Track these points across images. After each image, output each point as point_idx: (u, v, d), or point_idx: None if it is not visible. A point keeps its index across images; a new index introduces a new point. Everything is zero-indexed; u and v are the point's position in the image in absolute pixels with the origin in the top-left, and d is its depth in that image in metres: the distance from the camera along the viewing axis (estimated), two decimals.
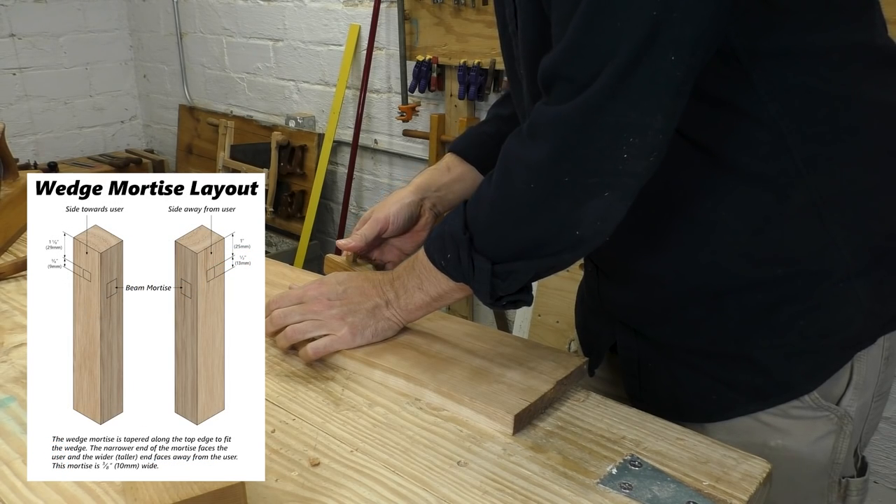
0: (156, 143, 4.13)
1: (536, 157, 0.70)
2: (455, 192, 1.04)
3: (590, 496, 0.66)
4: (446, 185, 1.03)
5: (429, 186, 1.03)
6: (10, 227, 1.28)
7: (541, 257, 0.75)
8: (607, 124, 0.66)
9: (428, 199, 1.02)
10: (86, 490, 0.67)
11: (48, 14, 3.63)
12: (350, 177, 2.96)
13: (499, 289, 0.77)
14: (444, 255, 0.79)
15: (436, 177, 1.04)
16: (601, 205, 0.70)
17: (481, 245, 0.76)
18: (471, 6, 2.36)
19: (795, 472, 0.84)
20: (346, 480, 0.68)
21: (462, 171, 1.04)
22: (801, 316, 0.80)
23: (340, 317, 0.87)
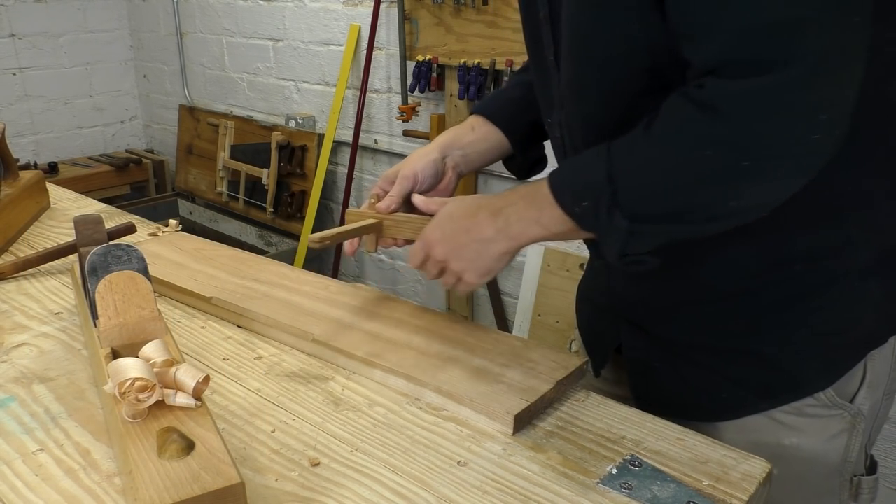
0: (156, 143, 4.13)
1: (717, 133, 0.66)
2: (479, 152, 1.01)
3: (590, 496, 0.66)
4: (470, 144, 1.01)
5: (452, 145, 1.00)
6: (10, 227, 1.28)
7: (685, 223, 0.72)
8: (804, 102, 0.62)
9: (451, 158, 1.00)
10: (86, 490, 0.67)
11: (48, 14, 3.63)
12: (350, 177, 2.96)
13: (629, 248, 0.73)
14: (579, 202, 0.74)
15: (459, 135, 1.01)
16: (776, 185, 0.67)
17: (625, 200, 0.71)
18: (471, 6, 2.36)
19: (808, 470, 0.84)
20: (346, 480, 0.68)
21: (487, 132, 1.01)
22: (813, 313, 0.80)
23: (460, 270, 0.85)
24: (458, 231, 0.84)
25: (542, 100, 0.92)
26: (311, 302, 1.00)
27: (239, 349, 0.93)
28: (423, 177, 0.97)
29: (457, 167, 1.01)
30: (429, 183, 0.98)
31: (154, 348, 0.71)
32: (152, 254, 1.14)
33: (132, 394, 0.65)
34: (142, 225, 1.33)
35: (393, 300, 1.02)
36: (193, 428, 0.65)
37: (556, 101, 0.87)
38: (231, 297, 1.01)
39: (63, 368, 0.88)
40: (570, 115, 0.84)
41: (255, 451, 0.72)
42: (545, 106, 0.92)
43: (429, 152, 0.98)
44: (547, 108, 0.91)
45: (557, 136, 0.89)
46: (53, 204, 1.49)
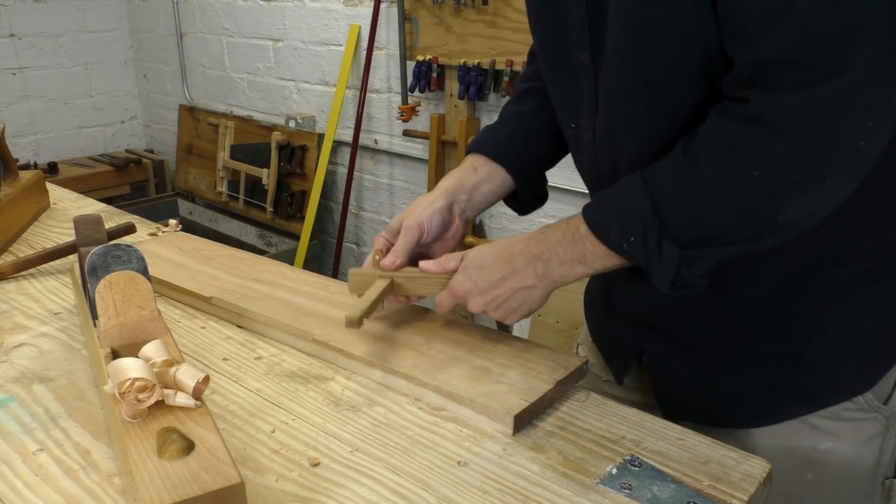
0: (156, 143, 4.13)
1: (769, 148, 0.65)
2: (483, 193, 0.98)
3: (590, 496, 0.66)
4: (475, 187, 0.97)
5: (457, 190, 0.96)
6: (10, 227, 1.28)
7: (736, 243, 0.71)
8: (857, 109, 0.62)
9: (457, 204, 0.96)
10: (86, 490, 0.67)
11: (48, 14, 3.63)
12: (350, 177, 2.96)
13: (682, 276, 0.72)
14: (627, 237, 0.72)
15: (463, 179, 0.97)
16: (825, 195, 0.67)
17: (674, 229, 0.70)
18: (471, 6, 2.36)
19: (843, 474, 0.83)
20: (346, 480, 0.68)
21: (489, 171, 0.98)
22: (855, 315, 0.79)
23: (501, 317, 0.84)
24: (496, 282, 0.82)
25: (566, 105, 0.89)
26: (311, 302, 1.00)
27: (239, 349, 0.93)
28: (430, 227, 0.92)
29: (463, 213, 0.97)
30: (435, 233, 0.94)
31: (154, 348, 0.71)
32: (152, 254, 1.14)
33: (132, 394, 0.65)
34: (142, 225, 1.33)
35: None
36: (193, 428, 0.65)
37: (586, 106, 0.84)
38: (231, 297, 1.01)
39: (63, 368, 0.88)
40: (608, 119, 0.82)
41: (255, 451, 0.72)
42: (569, 111, 0.88)
43: (433, 201, 0.94)
44: (572, 113, 0.88)
45: (587, 141, 0.86)
46: (53, 204, 1.49)
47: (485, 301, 0.83)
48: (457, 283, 0.85)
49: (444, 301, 0.87)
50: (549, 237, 0.80)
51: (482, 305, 0.83)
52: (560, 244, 0.79)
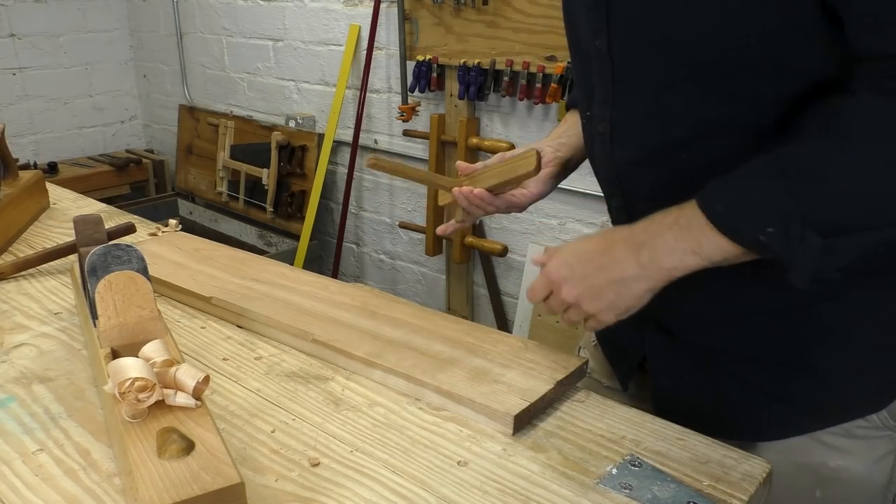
0: (156, 143, 4.13)
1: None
2: (578, 136, 0.97)
3: (590, 496, 0.66)
4: (565, 132, 1.00)
5: (547, 140, 1.00)
6: (10, 227, 1.28)
7: (883, 228, 0.66)
8: None
9: (549, 147, 0.98)
10: (86, 490, 0.67)
11: (48, 14, 3.63)
12: (350, 177, 2.95)
13: (825, 268, 0.67)
14: (762, 228, 0.66)
15: (554, 132, 1.02)
16: None
17: (817, 217, 0.65)
18: (471, 6, 2.36)
19: (853, 492, 0.81)
20: (346, 480, 0.68)
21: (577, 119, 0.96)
22: (877, 329, 0.77)
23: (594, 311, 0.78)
24: (592, 270, 0.76)
25: (582, 91, 0.87)
26: (311, 302, 1.00)
27: (239, 349, 0.93)
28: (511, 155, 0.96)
29: (556, 152, 0.98)
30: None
31: (154, 348, 0.71)
32: (152, 254, 1.14)
33: (132, 394, 0.65)
34: (142, 225, 1.33)
35: (393, 300, 1.02)
36: (193, 428, 0.65)
37: (601, 94, 0.82)
38: (231, 297, 1.01)
39: (63, 368, 0.88)
40: (626, 110, 0.79)
41: (255, 451, 0.72)
42: (586, 97, 0.86)
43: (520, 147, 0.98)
44: (588, 99, 0.86)
45: (600, 131, 0.84)
46: (53, 204, 1.49)
47: (579, 290, 0.76)
48: (552, 267, 0.79)
49: (538, 288, 0.81)
50: (658, 223, 0.74)
51: (576, 295, 0.77)
52: (670, 230, 0.72)
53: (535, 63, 2.26)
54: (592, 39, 0.79)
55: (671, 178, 0.79)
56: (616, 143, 0.82)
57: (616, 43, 0.76)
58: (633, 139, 0.80)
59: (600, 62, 0.79)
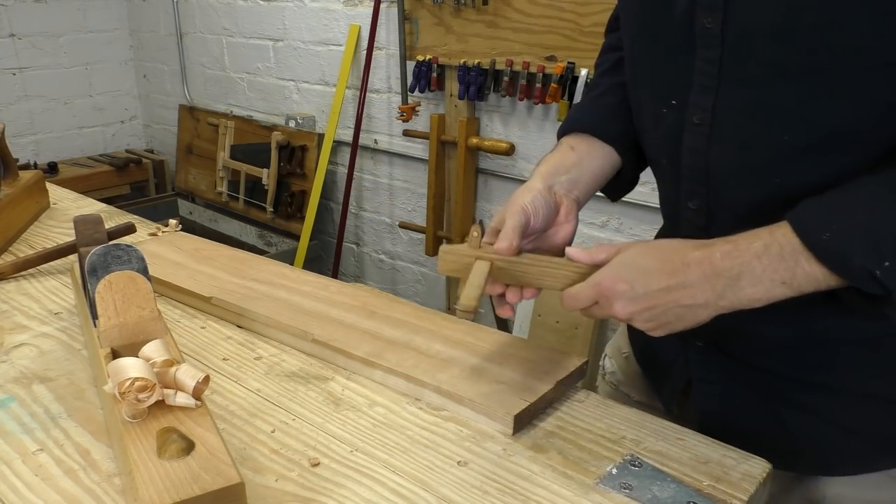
0: (156, 143, 4.13)
1: None
2: (588, 172, 0.84)
3: (590, 496, 0.66)
4: (576, 166, 0.84)
5: (555, 172, 0.83)
6: (10, 227, 1.28)
7: None
8: None
9: (559, 185, 0.82)
10: (86, 490, 0.67)
11: (48, 14, 3.63)
12: (350, 177, 2.96)
13: None
14: (879, 262, 0.60)
15: (559, 160, 0.84)
16: None
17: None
18: (471, 6, 2.36)
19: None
20: (346, 480, 0.68)
21: (588, 148, 0.85)
22: None
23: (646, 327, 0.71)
24: (658, 291, 0.68)
25: (661, 77, 0.78)
26: (311, 302, 1.00)
27: (239, 349, 0.93)
28: (535, 208, 0.78)
29: (570, 193, 0.82)
30: (543, 215, 0.79)
31: (154, 348, 0.71)
32: (152, 254, 1.14)
33: (132, 394, 0.65)
34: (142, 225, 1.33)
35: (393, 300, 1.02)
36: (193, 428, 0.65)
37: (700, 80, 0.72)
38: (231, 297, 1.01)
39: (63, 368, 0.88)
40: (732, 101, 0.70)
41: (255, 451, 0.72)
42: (667, 85, 0.77)
43: (531, 187, 0.80)
44: (672, 88, 0.76)
45: (695, 122, 0.74)
46: (53, 204, 1.49)
47: (636, 309, 0.69)
48: (607, 279, 0.70)
49: (583, 295, 0.72)
50: (743, 249, 0.65)
51: (630, 313, 0.69)
52: (759, 259, 0.64)
53: (535, 63, 2.27)
54: (701, 17, 0.69)
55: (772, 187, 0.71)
56: (714, 137, 0.73)
57: (733, 22, 0.67)
58: (738, 134, 0.71)
59: (706, 44, 0.70)
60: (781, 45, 0.64)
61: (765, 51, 0.66)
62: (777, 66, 0.65)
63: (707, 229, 0.78)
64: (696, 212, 0.78)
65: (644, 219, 2.24)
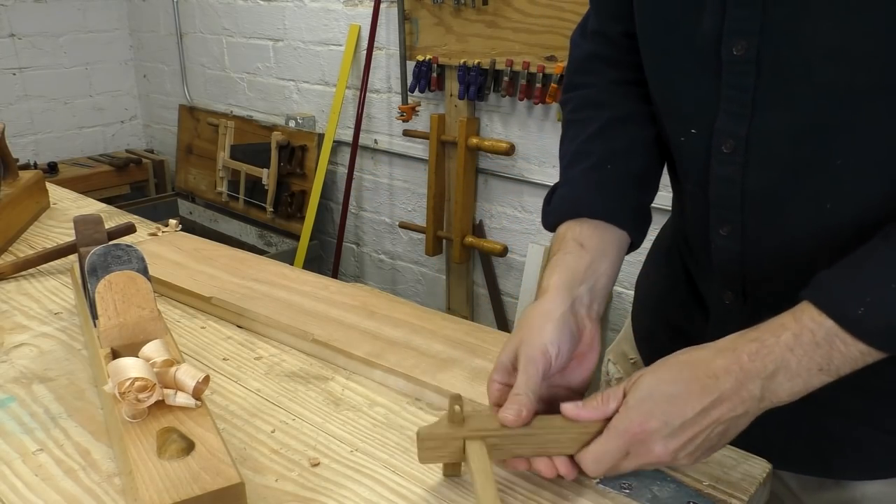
0: (156, 143, 4.13)
1: None
2: (606, 274, 0.73)
3: (590, 496, 0.66)
4: (591, 270, 0.72)
5: (571, 282, 0.71)
6: (10, 227, 1.28)
7: None
8: None
9: (580, 302, 0.70)
10: (86, 490, 0.67)
11: (48, 14, 3.63)
12: (350, 177, 2.96)
13: None
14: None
15: (573, 265, 0.72)
16: None
17: None
18: (471, 6, 2.36)
19: None
20: (346, 480, 0.68)
21: (598, 241, 0.74)
22: None
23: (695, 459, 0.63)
24: (695, 417, 0.60)
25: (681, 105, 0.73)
26: (311, 302, 1.00)
27: (239, 349, 0.93)
28: (558, 350, 0.66)
29: (590, 308, 0.71)
30: (566, 352, 0.67)
31: (154, 348, 0.71)
32: (152, 254, 1.14)
33: (132, 394, 0.65)
34: (142, 225, 1.33)
35: (393, 300, 1.02)
36: (193, 428, 0.65)
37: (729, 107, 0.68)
38: (231, 297, 1.01)
39: (63, 368, 0.88)
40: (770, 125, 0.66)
41: (255, 451, 0.72)
42: (688, 113, 0.72)
43: (550, 310, 0.68)
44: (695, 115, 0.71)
45: (727, 152, 0.69)
46: (53, 204, 1.49)
47: (679, 444, 0.60)
48: (634, 423, 0.61)
49: (611, 451, 0.62)
50: (771, 345, 0.60)
51: (674, 451, 0.61)
52: (791, 352, 0.59)
53: (535, 63, 2.27)
54: (729, 43, 0.65)
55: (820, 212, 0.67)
56: (751, 165, 0.69)
57: (772, 47, 0.63)
58: (782, 161, 0.67)
59: (736, 70, 0.65)
60: (837, 66, 0.60)
61: (817, 73, 0.61)
62: (831, 87, 0.61)
63: (742, 256, 0.74)
64: (729, 238, 0.74)
65: None
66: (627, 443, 0.61)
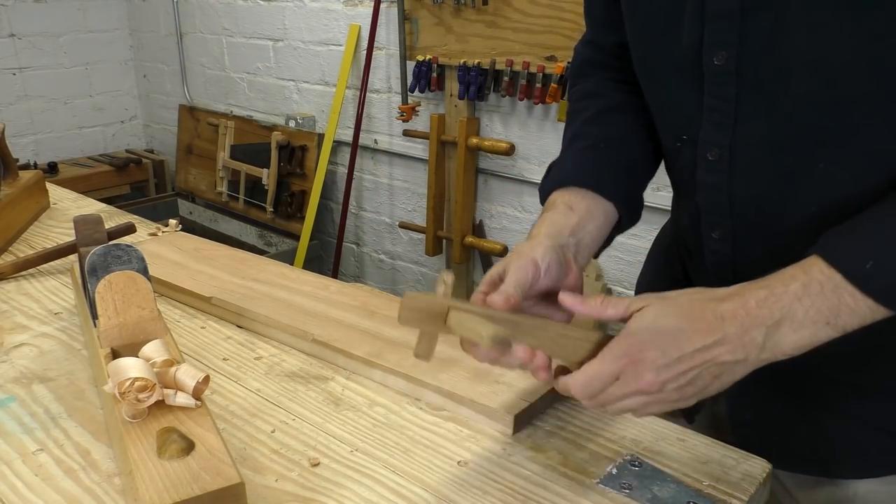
0: (156, 143, 4.13)
1: None
2: (589, 234, 0.76)
3: (590, 496, 0.66)
4: (579, 228, 0.75)
5: (559, 233, 0.74)
6: (10, 227, 1.28)
7: None
8: None
9: (566, 249, 0.73)
10: (85, 490, 0.67)
11: (48, 14, 3.63)
12: (350, 177, 2.96)
13: None
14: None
15: (560, 221, 0.76)
16: None
17: None
18: (471, 6, 2.36)
19: None
20: (346, 480, 0.68)
21: (588, 206, 0.78)
22: None
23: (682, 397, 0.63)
24: (694, 352, 0.61)
25: (670, 113, 0.76)
26: (311, 302, 1.00)
27: (239, 349, 0.93)
28: (547, 264, 0.69)
29: (576, 258, 0.75)
30: (554, 273, 0.70)
31: (154, 348, 0.71)
32: (152, 254, 1.14)
33: (132, 394, 0.65)
34: (141, 225, 1.33)
35: (393, 300, 1.02)
36: (193, 428, 0.65)
37: (712, 116, 0.69)
38: (231, 297, 1.01)
39: (63, 368, 0.88)
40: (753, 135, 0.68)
41: (255, 451, 0.72)
42: (675, 121, 0.75)
43: (539, 242, 0.72)
44: (682, 124, 0.74)
45: (710, 158, 0.71)
46: (53, 204, 1.49)
47: (669, 376, 0.61)
48: (634, 348, 0.61)
49: (605, 371, 0.62)
50: (780, 293, 0.60)
51: (663, 381, 0.61)
52: (799, 301, 0.59)
53: (535, 63, 2.27)
54: (709, 54, 0.66)
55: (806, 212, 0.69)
56: (735, 172, 0.70)
57: (751, 58, 0.64)
58: (766, 167, 0.69)
59: (716, 81, 0.67)
60: (815, 76, 0.62)
61: (794, 85, 0.63)
62: (811, 97, 0.63)
63: (733, 257, 0.76)
64: (721, 241, 0.76)
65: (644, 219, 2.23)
66: (621, 368, 0.62)
